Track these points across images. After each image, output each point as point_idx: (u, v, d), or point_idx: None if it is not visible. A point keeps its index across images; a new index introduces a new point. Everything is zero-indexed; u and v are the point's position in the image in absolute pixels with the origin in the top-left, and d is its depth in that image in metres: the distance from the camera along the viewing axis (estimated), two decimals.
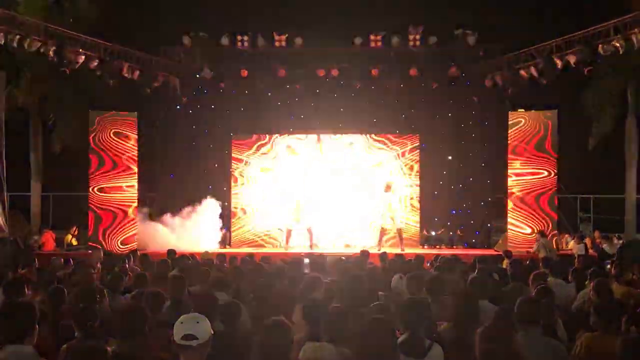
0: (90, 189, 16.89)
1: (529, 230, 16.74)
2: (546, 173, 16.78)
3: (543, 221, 16.67)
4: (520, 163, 16.98)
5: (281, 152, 19.36)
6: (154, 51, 18.50)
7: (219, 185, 19.35)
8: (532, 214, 16.82)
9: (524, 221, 16.88)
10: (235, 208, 19.17)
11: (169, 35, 18.83)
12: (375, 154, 19.29)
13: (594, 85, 18.38)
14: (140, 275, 8.53)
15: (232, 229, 18.98)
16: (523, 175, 16.94)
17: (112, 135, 16.91)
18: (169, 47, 19.12)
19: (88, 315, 5.55)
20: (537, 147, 16.83)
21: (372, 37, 18.41)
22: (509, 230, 17.12)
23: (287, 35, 18.64)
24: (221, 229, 18.01)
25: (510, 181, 17.09)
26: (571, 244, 17.04)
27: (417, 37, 18.45)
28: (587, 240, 17.36)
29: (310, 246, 17.20)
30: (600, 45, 14.89)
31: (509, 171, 17.11)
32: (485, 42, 18.71)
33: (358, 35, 18.56)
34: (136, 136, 17.15)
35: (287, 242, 17.57)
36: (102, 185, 16.87)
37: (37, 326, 4.65)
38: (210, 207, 17.80)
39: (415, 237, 18.90)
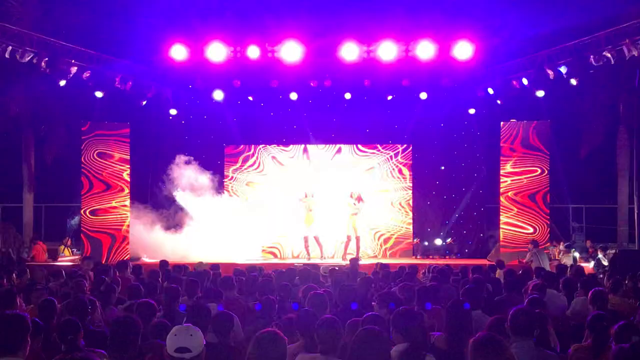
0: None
1: (524, 230, 16.71)
2: (539, 170, 16.81)
3: (538, 219, 16.65)
4: (512, 164, 17.01)
5: (269, 163, 19.43)
6: (146, 62, 18.49)
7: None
8: (527, 213, 16.79)
9: (520, 220, 16.85)
10: None
11: (161, 46, 18.81)
12: (367, 163, 19.35)
13: (586, 95, 18.47)
14: (133, 286, 8.50)
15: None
16: (516, 175, 16.93)
17: (102, 148, 16.89)
18: (160, 57, 19.07)
19: (71, 328, 5.51)
20: (528, 148, 16.89)
21: (365, 47, 18.42)
22: (503, 231, 17.11)
23: (279, 46, 18.63)
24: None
25: (503, 185, 17.10)
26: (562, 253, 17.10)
27: (410, 47, 18.45)
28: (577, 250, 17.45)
29: (308, 256, 17.30)
30: (591, 56, 14.97)
31: (502, 174, 17.12)
32: (477, 52, 18.73)
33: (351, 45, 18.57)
34: (128, 146, 17.14)
35: (307, 250, 17.59)
36: (94, 207, 16.83)
37: (29, 339, 4.62)
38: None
39: (408, 247, 18.94)
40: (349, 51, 17.10)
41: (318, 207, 17.67)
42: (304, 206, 17.53)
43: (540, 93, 16.60)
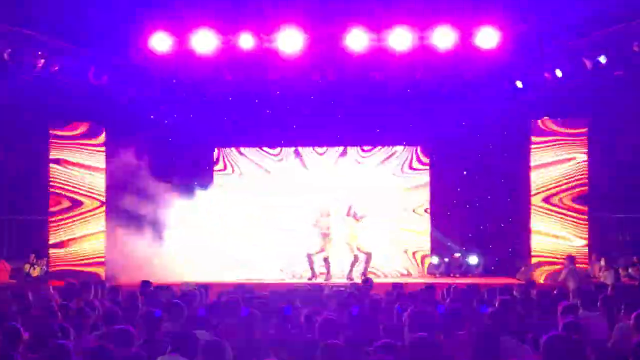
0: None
1: (559, 242, 16.62)
2: (576, 174, 16.79)
3: (574, 231, 16.57)
4: (545, 167, 16.97)
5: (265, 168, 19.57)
6: (122, 54, 18.46)
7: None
8: (561, 223, 16.70)
9: (554, 231, 16.77)
10: None
11: (140, 35, 18.79)
12: (375, 169, 19.36)
13: (630, 89, 18.42)
14: (109, 311, 8.48)
15: None
16: (549, 180, 16.93)
17: (73, 154, 16.91)
18: (139, 48, 18.99)
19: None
20: (563, 149, 16.84)
21: (374, 35, 18.38)
22: (535, 244, 17.07)
23: (276, 37, 18.58)
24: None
25: (535, 190, 17.07)
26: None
27: (426, 38, 18.39)
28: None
29: (312, 277, 17.33)
30: (635, 43, 14.94)
31: (532, 178, 17.13)
32: (504, 40, 18.64)
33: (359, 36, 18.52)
34: (103, 152, 17.12)
35: (312, 269, 17.58)
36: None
37: None
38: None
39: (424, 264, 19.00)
40: (356, 40, 16.95)
41: (334, 226, 17.55)
42: (319, 226, 17.46)
43: (575, 86, 16.58)
